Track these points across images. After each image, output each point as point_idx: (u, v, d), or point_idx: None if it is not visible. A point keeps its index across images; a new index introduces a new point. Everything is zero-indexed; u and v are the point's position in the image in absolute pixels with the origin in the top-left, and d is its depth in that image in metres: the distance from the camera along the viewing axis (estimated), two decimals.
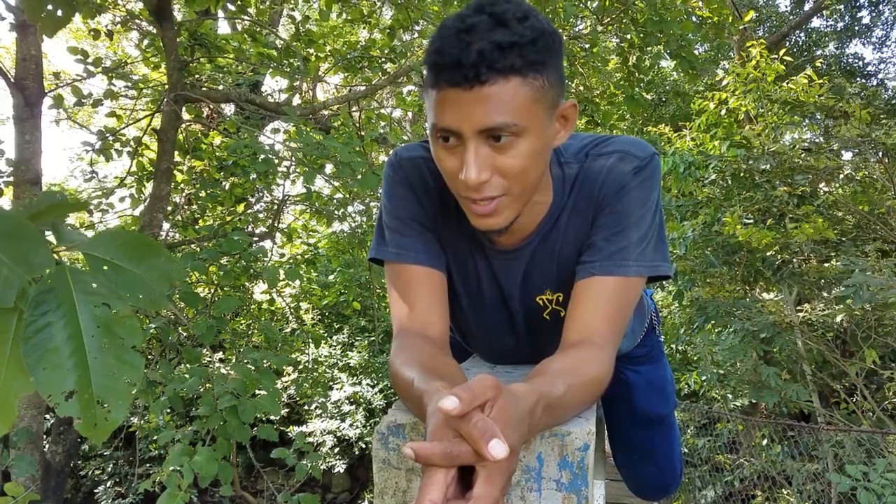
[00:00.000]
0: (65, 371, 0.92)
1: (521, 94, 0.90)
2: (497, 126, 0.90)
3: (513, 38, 0.87)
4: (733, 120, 7.60)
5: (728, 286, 6.95)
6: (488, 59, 0.87)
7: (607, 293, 1.05)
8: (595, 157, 1.11)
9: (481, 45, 0.87)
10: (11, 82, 3.66)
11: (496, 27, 0.88)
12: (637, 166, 1.08)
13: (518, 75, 0.89)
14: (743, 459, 6.42)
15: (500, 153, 0.93)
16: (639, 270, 1.06)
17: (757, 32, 12.91)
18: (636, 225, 1.07)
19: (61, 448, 3.80)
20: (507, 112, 0.90)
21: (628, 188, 1.07)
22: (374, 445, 0.89)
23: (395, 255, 1.15)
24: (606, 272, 1.06)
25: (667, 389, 1.67)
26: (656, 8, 5.24)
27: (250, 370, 2.93)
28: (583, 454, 0.81)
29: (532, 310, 1.24)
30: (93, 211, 5.44)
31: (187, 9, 5.62)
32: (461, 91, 0.89)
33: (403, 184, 1.17)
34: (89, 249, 1.04)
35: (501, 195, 0.97)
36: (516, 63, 0.88)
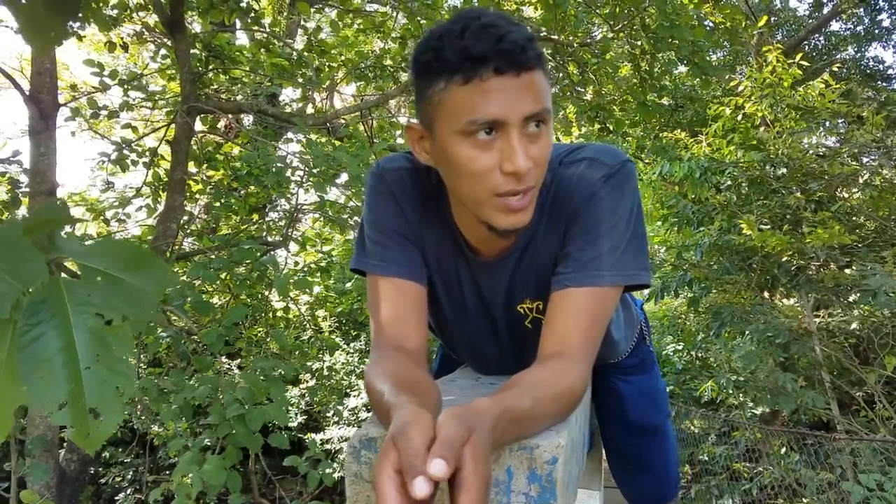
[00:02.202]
0: (58, 381, 0.93)
1: (545, 82, 0.96)
2: (539, 111, 0.94)
3: (527, 34, 0.92)
4: (750, 125, 7.55)
5: (744, 292, 6.89)
6: (526, 48, 0.91)
7: (581, 305, 1.04)
8: (567, 165, 1.11)
9: (515, 35, 0.90)
10: (26, 95, 3.72)
11: (512, 24, 0.92)
12: (606, 173, 1.07)
13: (540, 66, 0.94)
14: (761, 468, 6.34)
15: (532, 142, 0.95)
16: (613, 280, 1.05)
17: (775, 37, 12.83)
18: (608, 234, 1.06)
19: (76, 456, 3.84)
20: (545, 98, 0.94)
21: (598, 196, 1.07)
22: (346, 459, 0.89)
23: (375, 268, 1.15)
24: (579, 283, 1.05)
25: (659, 399, 1.66)
26: (667, 14, 5.22)
27: (259, 378, 2.94)
28: (551, 467, 0.81)
29: (514, 319, 1.24)
30: (109, 221, 5.52)
31: (202, 21, 5.70)
32: (508, 78, 0.91)
33: (387, 195, 1.17)
34: (84, 260, 1.06)
35: (534, 186, 0.99)
36: (540, 54, 0.94)
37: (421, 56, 0.96)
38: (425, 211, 1.16)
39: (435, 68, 0.94)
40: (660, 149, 7.53)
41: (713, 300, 7.09)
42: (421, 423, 0.67)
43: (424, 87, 0.97)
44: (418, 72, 0.98)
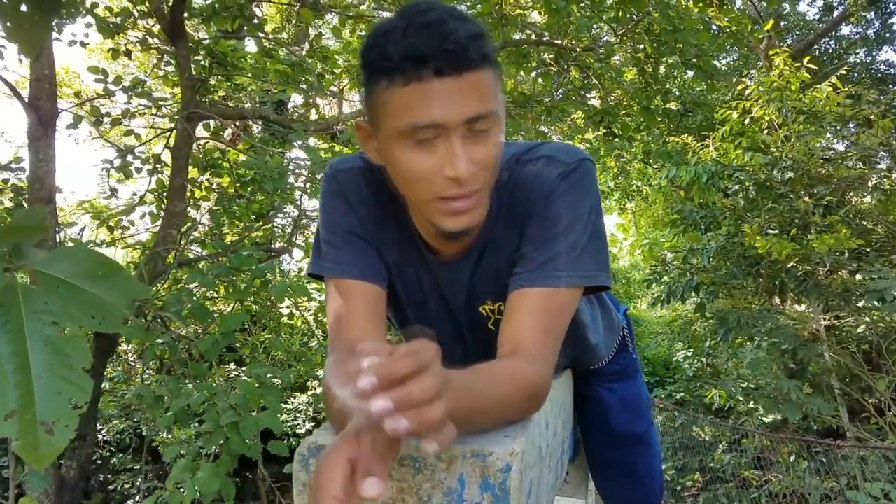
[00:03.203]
0: (6, 389, 0.90)
1: (493, 82, 0.91)
2: (482, 114, 0.90)
3: (477, 30, 0.88)
4: (758, 129, 7.51)
5: (751, 298, 6.84)
6: (471, 47, 0.87)
7: (537, 305, 1.00)
8: (525, 163, 1.08)
9: (459, 34, 0.86)
10: (25, 102, 3.74)
11: (459, 20, 0.88)
12: (563, 171, 1.04)
13: (488, 64, 0.90)
14: (770, 476, 6.28)
15: (477, 144, 0.92)
16: (570, 280, 1.01)
17: (785, 41, 12.76)
18: (565, 233, 1.02)
19: (76, 463, 3.84)
20: (489, 99, 0.91)
21: (555, 195, 1.03)
22: (295, 468, 0.87)
23: (330, 270, 1.13)
24: (535, 283, 1.01)
25: (641, 407, 1.63)
26: (671, 18, 5.19)
27: (253, 386, 2.93)
28: (505, 476, 0.78)
29: (477, 320, 1.21)
30: (114, 228, 5.54)
31: (206, 27, 5.72)
32: (450, 80, 0.87)
33: (339, 196, 1.14)
34: (44, 268, 1.04)
35: (479, 189, 0.96)
36: (487, 52, 0.89)
37: (367, 53, 0.93)
38: (381, 211, 1.13)
39: (378, 67, 0.91)
40: (664, 153, 7.49)
41: (720, 305, 7.03)
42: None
43: (370, 86, 0.94)
44: (364, 69, 0.95)
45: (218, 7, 5.16)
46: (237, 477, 7.88)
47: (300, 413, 9.39)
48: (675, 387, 11.35)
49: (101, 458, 9.01)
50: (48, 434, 0.92)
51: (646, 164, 10.93)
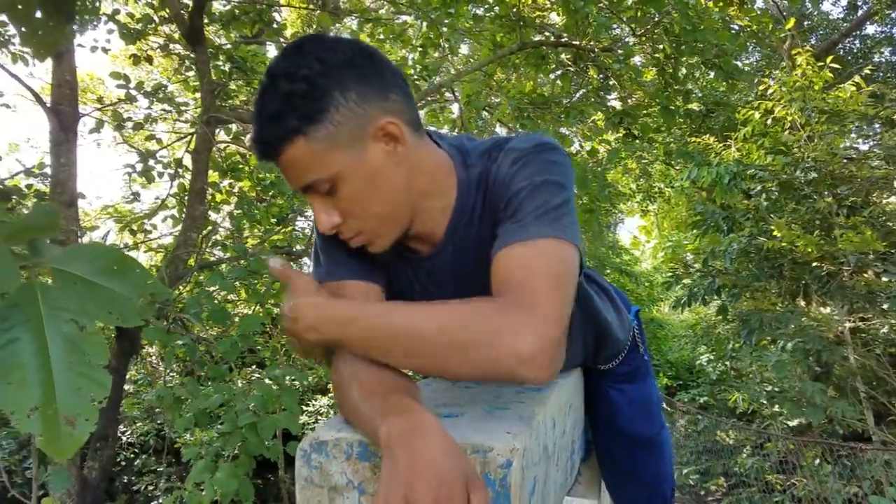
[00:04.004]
0: (29, 386, 0.92)
1: (311, 151, 0.94)
2: (306, 186, 0.98)
3: (278, 106, 0.93)
4: (780, 129, 7.43)
5: (774, 299, 6.76)
6: (269, 134, 0.95)
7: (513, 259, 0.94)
8: (494, 158, 1.09)
9: (262, 122, 0.95)
10: (47, 107, 3.80)
11: (270, 96, 0.94)
12: (517, 157, 1.04)
13: (299, 134, 0.94)
14: (794, 480, 6.20)
15: (335, 199, 1.00)
16: (551, 231, 0.94)
17: (809, 40, 12.64)
18: (529, 196, 0.99)
19: (98, 464, 3.88)
20: (308, 171, 0.96)
21: (510, 176, 1.03)
22: (297, 463, 0.88)
23: (327, 274, 1.14)
24: (509, 240, 0.96)
25: (653, 410, 1.61)
26: (690, 18, 5.16)
27: (271, 387, 2.95)
28: (505, 471, 0.78)
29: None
30: (136, 232, 5.60)
31: (224, 32, 5.78)
32: (276, 162, 0.98)
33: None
34: (61, 265, 1.05)
35: (360, 232, 1.04)
36: (292, 125, 0.93)
37: None
38: None
39: None
40: (686, 153, 7.43)
41: (742, 307, 6.96)
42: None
43: None
44: None
45: (238, 12, 5.22)
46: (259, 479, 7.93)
47: (321, 415, 9.43)
48: (698, 390, 11.27)
49: (126, 459, 9.10)
50: (70, 428, 0.93)
51: (668, 166, 10.86)
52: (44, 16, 1.38)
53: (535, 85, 7.52)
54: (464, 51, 10.43)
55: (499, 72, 7.82)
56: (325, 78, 0.93)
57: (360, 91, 0.96)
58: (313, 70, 0.93)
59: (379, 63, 1.00)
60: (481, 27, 6.17)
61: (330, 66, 0.94)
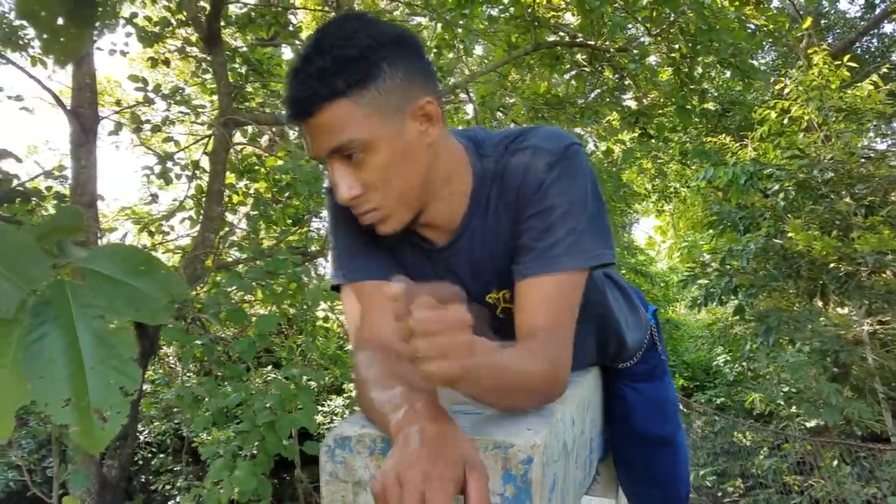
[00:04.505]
0: (61, 380, 0.94)
1: (352, 112, 0.95)
2: (337, 147, 0.97)
3: (328, 65, 0.94)
4: (797, 128, 7.39)
5: (792, 299, 6.72)
6: (310, 91, 0.94)
7: (543, 293, 1.03)
8: (513, 152, 1.10)
9: (303, 79, 0.95)
10: (68, 110, 3.85)
11: (318, 56, 0.95)
12: (550, 161, 1.05)
13: (343, 96, 0.94)
14: (812, 481, 6.16)
15: (360, 169, 0.99)
16: (574, 264, 1.03)
17: (826, 39, 12.55)
18: (562, 219, 1.03)
19: (117, 462, 3.92)
20: (343, 132, 0.96)
21: (545, 185, 1.05)
22: (321, 458, 0.89)
23: (345, 276, 1.17)
24: (538, 271, 1.03)
25: (669, 410, 1.61)
26: (706, 18, 5.14)
27: (288, 386, 2.97)
28: (526, 467, 0.79)
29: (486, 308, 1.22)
30: (154, 233, 5.65)
31: (241, 35, 5.82)
32: (302, 123, 0.98)
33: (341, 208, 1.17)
34: (89, 264, 1.07)
35: (376, 208, 1.03)
36: (338, 86, 0.94)
37: None
38: None
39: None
40: (702, 153, 7.41)
41: (759, 306, 6.92)
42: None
43: None
44: None
45: (254, 15, 5.26)
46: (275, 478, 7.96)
47: (336, 415, 9.46)
48: (715, 391, 11.21)
49: (143, 458, 9.16)
50: (102, 420, 0.95)
51: (683, 165, 10.82)
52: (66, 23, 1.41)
53: (549, 85, 7.52)
54: (478, 52, 10.44)
55: (513, 72, 7.82)
56: (375, 48, 0.96)
57: (406, 69, 0.99)
58: (364, 40, 0.95)
59: (420, 48, 1.04)
60: (496, 28, 6.18)
61: (380, 40, 0.97)
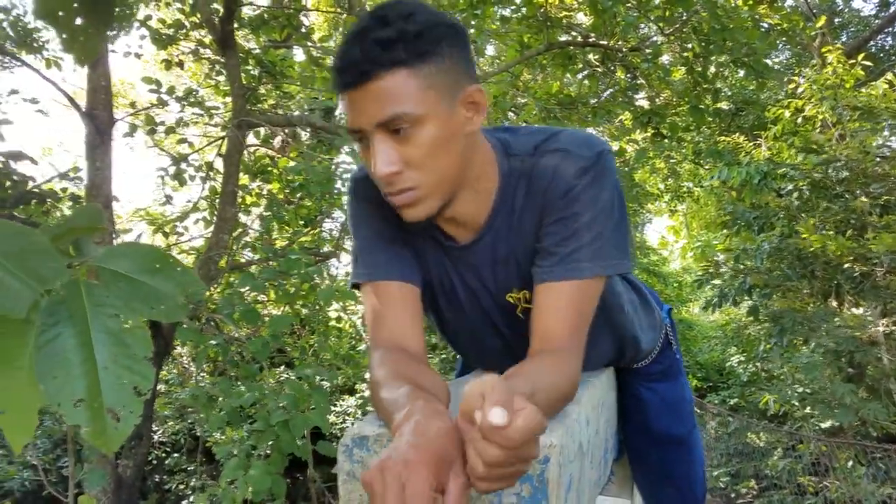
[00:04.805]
0: (74, 380, 0.94)
1: (410, 83, 0.94)
2: (390, 117, 0.94)
3: (392, 34, 0.92)
4: (811, 127, 7.34)
5: (807, 300, 6.67)
6: (371, 56, 0.92)
7: (563, 298, 1.04)
8: (543, 153, 1.09)
9: (365, 44, 0.93)
10: (83, 112, 3.88)
11: (380, 27, 0.93)
12: (582, 167, 1.05)
13: (403, 66, 0.93)
14: (827, 482, 6.12)
15: (404, 144, 0.97)
16: (594, 271, 1.04)
17: (840, 38, 12.46)
18: (587, 226, 1.04)
19: (132, 462, 3.94)
20: (398, 103, 0.94)
21: (575, 191, 1.05)
22: (339, 458, 0.89)
23: (365, 276, 1.16)
24: (560, 277, 1.04)
25: (684, 410, 1.60)
26: (719, 17, 5.11)
27: (301, 386, 2.98)
28: (543, 467, 0.79)
29: (505, 309, 1.22)
30: (169, 234, 5.69)
31: (254, 37, 5.84)
32: (355, 90, 0.95)
33: (363, 203, 1.19)
34: (104, 263, 1.07)
35: (413, 187, 1.00)
36: (400, 56, 0.93)
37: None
38: None
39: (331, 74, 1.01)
40: (715, 152, 7.37)
41: (773, 307, 6.88)
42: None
43: None
44: None
45: (267, 17, 5.28)
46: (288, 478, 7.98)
47: (349, 416, 9.48)
48: (728, 392, 11.15)
49: (157, 458, 9.21)
50: (115, 420, 0.94)
51: (697, 165, 10.77)
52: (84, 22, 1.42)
53: (561, 85, 7.51)
54: (490, 52, 10.43)
55: (526, 72, 7.81)
56: (435, 27, 0.96)
57: (459, 54, 1.00)
58: (426, 18, 0.95)
59: (468, 38, 1.04)
60: (508, 28, 6.17)
61: (439, 21, 0.97)
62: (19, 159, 3.89)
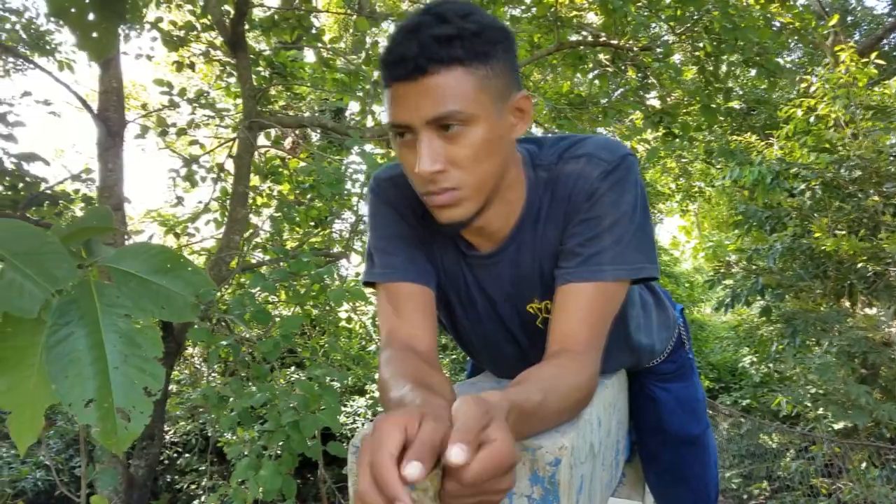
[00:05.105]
0: (85, 379, 0.93)
1: (466, 82, 0.93)
2: (444, 115, 0.93)
3: (452, 31, 0.91)
4: (823, 127, 7.29)
5: (819, 300, 6.63)
6: (429, 51, 0.91)
7: (584, 300, 1.03)
8: (566, 161, 1.09)
9: (423, 38, 0.91)
10: (95, 114, 3.90)
11: (438, 24, 0.92)
12: (605, 170, 1.05)
13: (461, 65, 0.92)
14: (840, 484, 6.07)
15: (452, 143, 0.96)
16: (616, 274, 1.03)
17: (853, 36, 12.38)
18: (610, 229, 1.04)
19: (144, 462, 3.96)
20: (453, 100, 0.93)
21: (598, 194, 1.04)
22: (349, 458, 0.88)
23: (381, 276, 1.16)
24: (581, 278, 1.03)
25: (698, 409, 1.59)
26: (730, 16, 5.09)
27: (312, 386, 2.98)
28: (554, 469, 0.78)
29: (525, 319, 1.21)
30: (180, 235, 5.71)
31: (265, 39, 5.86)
32: (408, 84, 0.93)
33: (384, 204, 1.19)
34: (115, 263, 1.08)
35: (456, 188, 0.98)
36: (458, 53, 0.92)
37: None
38: (426, 214, 1.14)
39: (380, 67, 0.99)
40: (727, 152, 7.33)
41: (786, 307, 6.83)
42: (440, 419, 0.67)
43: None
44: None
45: (277, 19, 5.29)
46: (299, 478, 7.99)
47: (359, 416, 9.49)
48: (740, 393, 11.09)
49: (169, 458, 9.24)
50: (125, 421, 0.94)
51: (708, 165, 10.72)
52: (97, 18, 1.43)
53: (572, 85, 7.49)
54: None
55: (536, 72, 7.80)
56: (492, 30, 0.95)
57: (511, 59, 1.00)
58: (483, 19, 0.95)
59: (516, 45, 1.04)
60: (518, 28, 6.16)
61: (494, 24, 0.97)
62: (32, 161, 3.92)
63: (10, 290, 0.88)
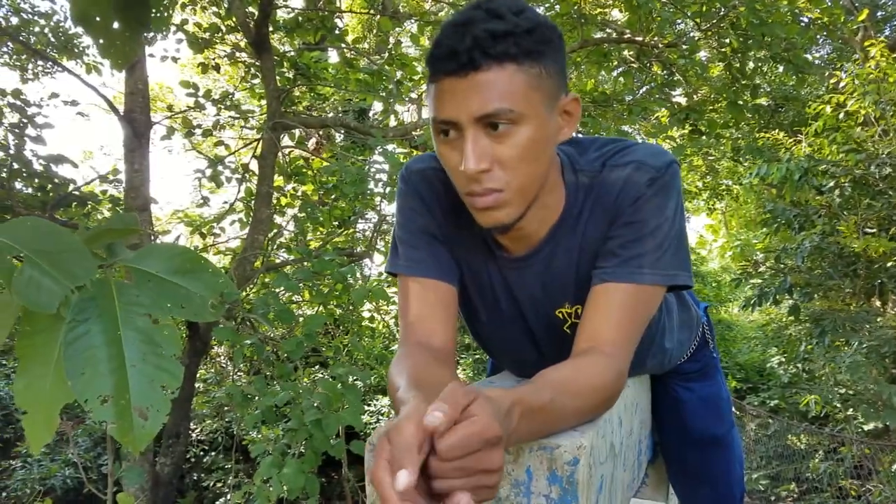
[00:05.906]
0: (102, 376, 0.93)
1: (518, 80, 0.90)
2: (493, 112, 0.90)
3: (506, 28, 0.89)
4: (854, 123, 7.17)
5: (849, 299, 6.52)
6: (482, 46, 0.88)
7: (619, 300, 1.01)
8: (612, 168, 1.06)
9: (475, 33, 0.88)
10: (121, 116, 3.94)
11: (491, 19, 0.89)
12: (653, 177, 1.03)
13: (513, 62, 0.90)
14: (870, 486, 5.97)
15: (499, 143, 0.93)
16: (654, 279, 1.02)
17: (883, 31, 12.17)
18: (652, 234, 1.02)
19: (170, 460, 4.00)
20: (504, 98, 0.90)
21: (644, 199, 1.03)
22: (366, 457, 0.88)
23: (405, 269, 1.15)
24: (619, 278, 1.02)
25: (722, 408, 1.57)
26: (757, 12, 5.01)
27: (335, 385, 2.99)
28: (573, 468, 0.77)
29: (552, 323, 1.19)
30: (206, 235, 5.77)
31: (289, 40, 5.90)
32: (457, 79, 0.90)
33: (414, 196, 1.16)
34: (136, 263, 1.08)
35: (501, 189, 0.95)
36: (511, 50, 0.89)
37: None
38: (454, 209, 1.13)
39: (427, 61, 0.96)
40: (755, 149, 7.23)
41: (815, 307, 6.73)
42: (417, 416, 0.63)
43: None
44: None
45: (301, 20, 5.32)
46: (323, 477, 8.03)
47: (382, 415, 9.51)
48: (768, 393, 10.96)
49: (195, 456, 9.32)
50: (142, 419, 0.94)
51: (736, 162, 10.59)
52: (121, 27, 1.43)
53: (596, 83, 7.44)
54: None
55: None
56: (545, 29, 0.93)
57: (561, 60, 0.98)
58: (536, 18, 0.93)
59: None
60: None
61: (547, 24, 0.95)
62: (60, 162, 3.97)
63: (28, 285, 0.89)
